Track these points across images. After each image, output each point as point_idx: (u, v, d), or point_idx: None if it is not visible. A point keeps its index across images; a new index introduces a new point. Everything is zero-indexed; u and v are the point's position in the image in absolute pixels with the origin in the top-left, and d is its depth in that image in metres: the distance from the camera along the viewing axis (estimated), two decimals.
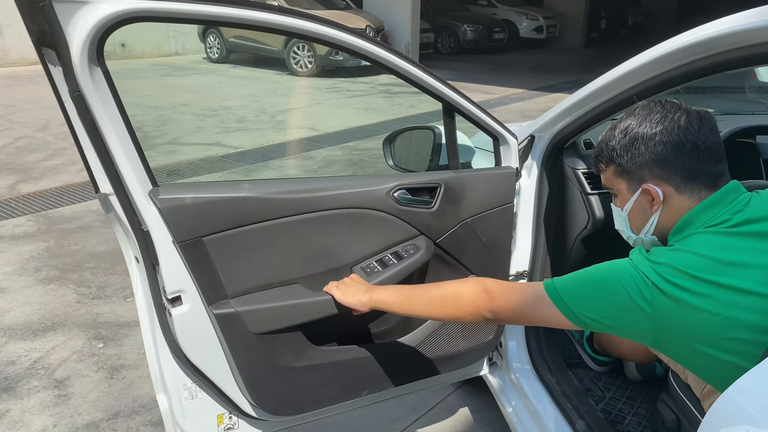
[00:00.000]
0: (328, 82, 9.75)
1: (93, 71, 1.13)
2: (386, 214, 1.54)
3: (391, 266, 1.53)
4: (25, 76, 9.22)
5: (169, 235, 1.31)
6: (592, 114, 1.57)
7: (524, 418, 1.78)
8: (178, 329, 1.38)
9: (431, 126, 1.87)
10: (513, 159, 1.72)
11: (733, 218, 1.07)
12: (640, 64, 1.33)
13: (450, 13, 14.00)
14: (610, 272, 1.10)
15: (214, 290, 1.38)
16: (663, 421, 1.53)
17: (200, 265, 1.34)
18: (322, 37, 1.31)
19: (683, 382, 1.47)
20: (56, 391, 2.31)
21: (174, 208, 1.29)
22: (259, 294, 1.43)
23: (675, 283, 1.01)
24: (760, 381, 0.84)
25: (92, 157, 1.26)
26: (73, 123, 1.23)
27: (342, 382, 1.59)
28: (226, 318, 1.38)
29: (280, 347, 1.47)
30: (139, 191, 1.27)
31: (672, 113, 1.15)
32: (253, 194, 1.38)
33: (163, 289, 1.36)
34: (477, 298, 1.23)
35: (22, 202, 4.26)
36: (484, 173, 1.70)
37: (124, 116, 1.21)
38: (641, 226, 1.21)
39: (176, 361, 1.44)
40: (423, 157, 1.86)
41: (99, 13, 1.08)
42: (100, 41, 1.11)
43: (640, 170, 1.16)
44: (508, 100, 8.61)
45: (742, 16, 1.10)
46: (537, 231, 1.84)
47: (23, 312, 2.86)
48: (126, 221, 1.31)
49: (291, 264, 1.47)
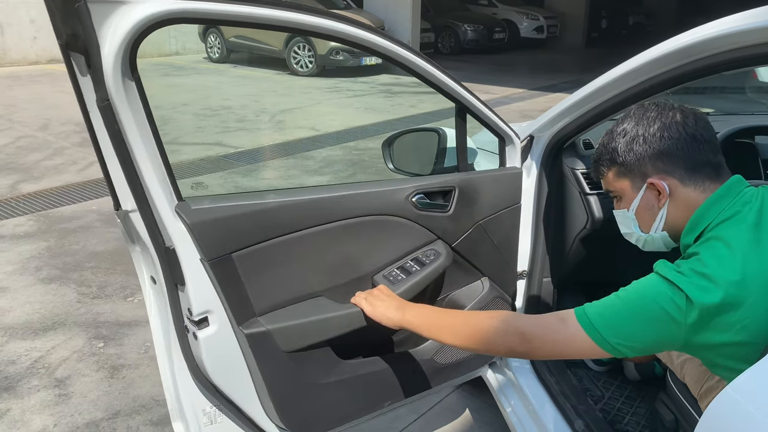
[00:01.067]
0: (328, 81, 9.75)
1: (125, 79, 1.06)
2: (406, 219, 1.51)
3: (415, 273, 1.50)
4: (25, 76, 9.22)
5: (197, 252, 1.23)
6: (591, 114, 1.57)
7: (523, 418, 1.78)
8: (204, 352, 1.29)
9: (435, 128, 1.86)
10: (517, 159, 1.73)
11: (743, 210, 1.08)
12: (639, 64, 1.34)
13: (450, 12, 14.00)
14: (642, 293, 1.07)
15: (242, 309, 1.30)
16: (661, 420, 1.53)
17: (229, 283, 1.27)
18: (365, 43, 1.30)
19: (681, 382, 1.48)
20: (56, 391, 2.32)
21: (203, 223, 1.21)
22: (286, 310, 1.37)
23: (707, 288, 1.00)
24: (758, 380, 0.84)
25: (115, 171, 1.17)
26: (98, 134, 1.15)
27: (366, 395, 1.55)
28: (257, 337, 1.31)
29: (310, 364, 1.42)
30: (166, 206, 1.18)
31: (667, 111, 1.18)
32: (280, 205, 1.32)
33: (189, 311, 1.27)
34: (510, 342, 1.19)
35: (23, 201, 4.26)
36: (493, 174, 1.70)
37: (153, 127, 1.14)
38: (650, 224, 1.21)
39: (198, 385, 1.35)
40: (427, 160, 1.84)
41: (137, 15, 1.01)
42: (134, 46, 1.05)
43: (643, 166, 1.17)
44: (509, 99, 8.60)
45: (741, 16, 1.10)
46: (536, 231, 1.84)
47: (24, 311, 2.87)
48: (148, 239, 1.23)
49: (315, 276, 1.41)
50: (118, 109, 1.06)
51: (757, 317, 0.99)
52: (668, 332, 1.03)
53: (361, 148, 5.81)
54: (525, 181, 1.80)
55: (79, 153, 5.43)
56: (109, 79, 1.03)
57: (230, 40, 11.27)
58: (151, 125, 1.13)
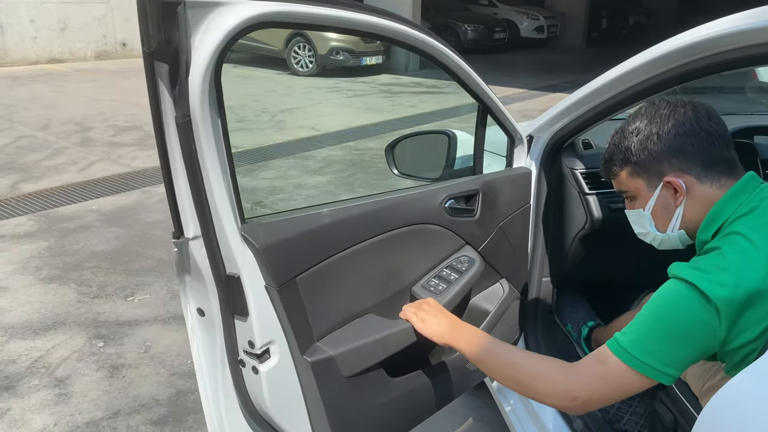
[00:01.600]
0: (328, 81, 9.75)
1: (210, 93, 0.96)
2: (440, 227, 1.49)
3: (455, 282, 1.46)
4: (25, 76, 9.22)
5: (262, 279, 1.14)
6: (590, 114, 1.57)
7: (522, 417, 1.79)
8: (266, 385, 1.19)
9: (444, 130, 1.84)
10: (524, 159, 1.73)
11: (761, 205, 1.07)
12: (638, 64, 1.34)
13: (451, 12, 14.00)
14: (670, 305, 1.03)
15: (304, 336, 1.22)
16: (660, 420, 1.53)
17: (293, 310, 1.19)
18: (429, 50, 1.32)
19: (681, 381, 1.48)
20: (57, 390, 2.32)
21: (271, 245, 1.13)
22: (339, 332, 1.30)
23: (729, 284, 0.98)
24: (757, 379, 0.84)
25: (183, 194, 1.08)
26: (170, 153, 1.05)
27: (412, 410, 1.51)
28: (321, 365, 1.22)
29: (367, 386, 1.35)
30: (235, 231, 1.09)
31: (679, 107, 1.16)
32: (334, 220, 1.25)
33: (250, 343, 1.17)
34: (561, 403, 1.12)
35: (23, 201, 4.26)
36: (508, 175, 1.70)
37: (227, 146, 1.04)
38: (667, 223, 1.19)
39: (248, 420, 1.26)
40: (436, 164, 1.80)
41: (234, 19, 0.91)
42: (222, 55, 0.94)
43: (659, 165, 1.16)
44: (509, 99, 8.61)
45: (741, 16, 1.10)
46: (535, 230, 1.84)
47: (24, 311, 2.87)
48: (207, 268, 1.14)
49: (363, 292, 1.36)
50: (199, 126, 0.97)
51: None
52: (706, 338, 1.00)
53: (361, 148, 5.82)
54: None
55: (79, 153, 5.44)
56: (195, 93, 0.94)
57: None
58: (226, 144, 1.04)
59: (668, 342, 1.00)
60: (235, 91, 8.80)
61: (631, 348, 1.02)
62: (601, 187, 1.87)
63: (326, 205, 1.28)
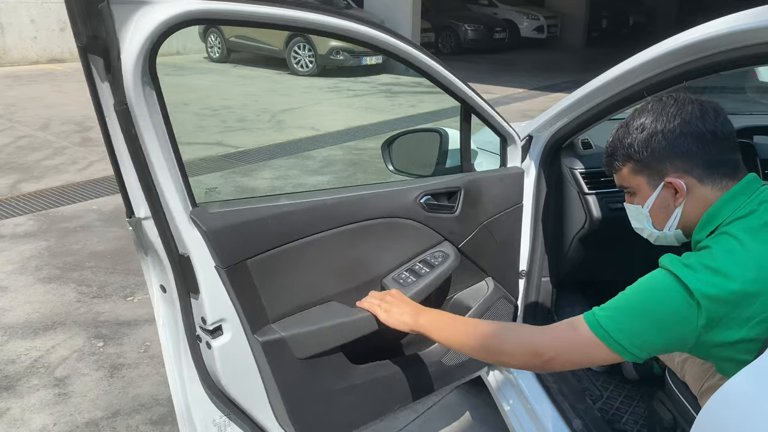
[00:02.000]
0: (328, 81, 9.75)
1: (144, 82, 1.03)
2: (414, 221, 1.50)
3: (424, 276, 1.49)
4: (25, 76, 9.22)
5: (212, 259, 1.20)
6: (589, 114, 1.57)
7: (522, 417, 1.79)
8: (219, 361, 1.27)
9: (437, 129, 1.85)
10: (518, 159, 1.73)
11: (759, 209, 1.07)
12: (638, 63, 1.34)
13: (451, 12, 14.00)
14: (651, 291, 1.05)
15: (257, 316, 1.28)
16: (660, 420, 1.54)
17: (244, 291, 1.25)
18: (385, 45, 1.31)
19: (680, 381, 1.48)
20: (56, 390, 2.32)
21: (218, 230, 1.19)
22: (299, 316, 1.35)
23: (715, 284, 0.99)
24: (756, 379, 0.84)
25: (130, 177, 1.15)
26: (113, 139, 1.12)
27: (377, 399, 1.54)
28: (272, 345, 1.29)
29: (323, 370, 1.40)
30: (182, 213, 1.16)
31: (687, 105, 1.14)
32: (293, 209, 1.30)
33: (202, 319, 1.24)
34: (526, 359, 1.16)
35: (23, 201, 4.27)
36: (496, 174, 1.70)
37: (170, 131, 1.11)
38: (664, 221, 1.19)
39: (209, 394, 1.33)
40: (428, 161, 1.82)
41: (160, 16, 0.99)
42: (155, 48, 1.02)
43: (662, 164, 1.14)
44: (509, 99, 8.60)
45: (741, 16, 1.10)
46: (535, 230, 1.85)
47: (24, 311, 2.87)
48: (161, 247, 1.20)
49: (326, 280, 1.40)
50: (136, 113, 1.04)
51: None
52: (682, 331, 1.01)
53: (361, 148, 5.82)
54: (524, 181, 1.80)
55: (79, 152, 5.44)
56: (129, 82, 1.01)
57: (230, 39, 11.27)
58: (168, 130, 1.10)
59: (642, 326, 1.03)
60: (235, 91, 8.81)
61: (604, 322, 1.05)
62: (600, 187, 1.87)
63: (293, 195, 1.34)
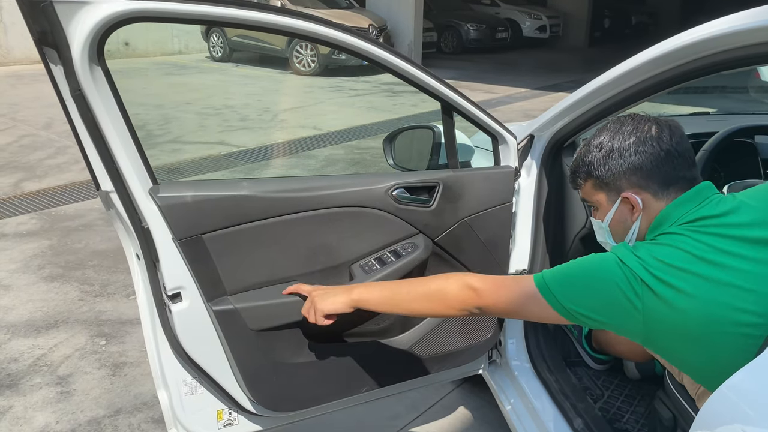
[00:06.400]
0: (330, 81, 9.75)
1: (93, 70, 1.15)
2: (385, 212, 1.55)
3: (389, 264, 1.54)
4: (28, 75, 9.24)
5: (168, 232, 1.33)
6: (591, 113, 1.57)
7: (523, 416, 1.79)
8: (178, 325, 1.40)
9: (431, 125, 1.88)
10: (512, 158, 1.73)
11: (703, 212, 1.10)
12: (639, 63, 1.34)
13: (453, 12, 13.99)
14: (600, 267, 1.10)
15: (213, 287, 1.40)
16: (660, 419, 1.54)
17: (200, 263, 1.36)
18: (320, 36, 1.33)
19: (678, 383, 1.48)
20: (59, 388, 2.33)
21: (173, 205, 1.31)
22: (258, 291, 1.45)
23: (660, 277, 1.03)
24: (754, 378, 0.85)
25: (93, 155, 1.28)
26: (74, 121, 1.25)
27: (341, 379, 1.61)
28: (225, 314, 1.41)
29: (279, 344, 1.49)
30: (140, 189, 1.28)
31: (643, 124, 1.19)
32: (252, 193, 1.40)
33: (164, 286, 1.38)
34: (464, 296, 1.21)
35: (26, 200, 4.28)
36: (482, 172, 1.71)
37: (124, 115, 1.23)
38: (623, 235, 1.24)
39: (176, 357, 1.46)
40: (423, 157, 1.87)
41: (99, 14, 1.10)
42: (100, 41, 1.13)
43: (618, 181, 1.20)
44: (511, 99, 8.60)
45: (742, 15, 1.10)
46: (536, 230, 1.85)
47: (26, 309, 2.88)
48: (127, 219, 1.34)
49: (290, 262, 1.49)
50: (89, 98, 1.16)
51: None
52: (624, 315, 1.05)
53: (363, 147, 5.82)
54: (525, 181, 1.80)
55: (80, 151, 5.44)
56: (79, 71, 1.13)
57: (233, 39, 11.28)
58: (122, 113, 1.22)
59: (583, 291, 1.09)
60: (237, 90, 8.82)
61: (548, 277, 1.13)
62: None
63: (259, 180, 1.44)
